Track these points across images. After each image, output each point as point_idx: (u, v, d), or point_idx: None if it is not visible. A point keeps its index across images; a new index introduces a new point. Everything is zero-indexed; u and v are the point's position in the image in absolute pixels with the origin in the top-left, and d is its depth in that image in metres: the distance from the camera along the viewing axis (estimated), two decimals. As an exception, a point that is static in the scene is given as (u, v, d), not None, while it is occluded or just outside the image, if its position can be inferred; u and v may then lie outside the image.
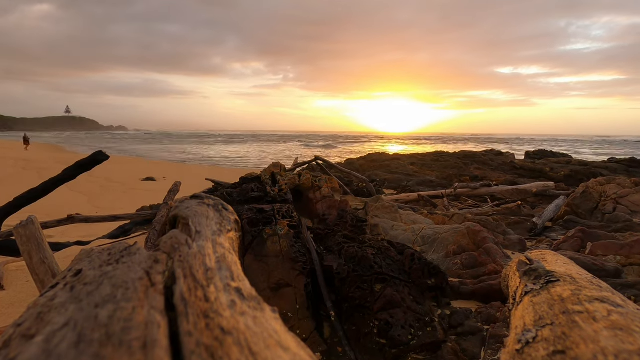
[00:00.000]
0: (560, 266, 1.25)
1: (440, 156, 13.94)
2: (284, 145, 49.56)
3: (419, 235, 3.58)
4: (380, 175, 10.56)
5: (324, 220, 3.28)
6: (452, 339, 1.88)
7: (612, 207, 5.41)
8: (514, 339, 0.88)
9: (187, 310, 0.51)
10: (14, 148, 28.24)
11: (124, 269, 0.58)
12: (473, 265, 3.07)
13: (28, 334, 0.47)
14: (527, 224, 5.32)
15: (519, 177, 10.66)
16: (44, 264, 1.77)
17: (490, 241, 3.31)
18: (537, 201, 7.25)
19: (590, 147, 51.86)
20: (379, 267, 1.94)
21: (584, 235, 3.77)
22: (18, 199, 3.49)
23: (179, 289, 0.55)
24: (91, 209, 7.45)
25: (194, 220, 0.93)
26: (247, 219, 2.11)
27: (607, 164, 12.00)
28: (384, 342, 1.76)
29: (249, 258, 1.97)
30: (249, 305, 0.60)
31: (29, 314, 0.52)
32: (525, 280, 1.18)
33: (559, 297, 0.95)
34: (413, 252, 2.10)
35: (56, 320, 0.48)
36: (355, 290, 1.89)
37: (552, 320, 0.85)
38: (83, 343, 0.43)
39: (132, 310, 0.49)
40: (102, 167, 4.13)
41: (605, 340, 0.71)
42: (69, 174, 3.57)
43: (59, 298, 0.54)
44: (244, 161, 25.62)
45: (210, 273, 0.64)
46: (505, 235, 4.32)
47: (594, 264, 2.72)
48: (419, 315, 1.82)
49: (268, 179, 3.48)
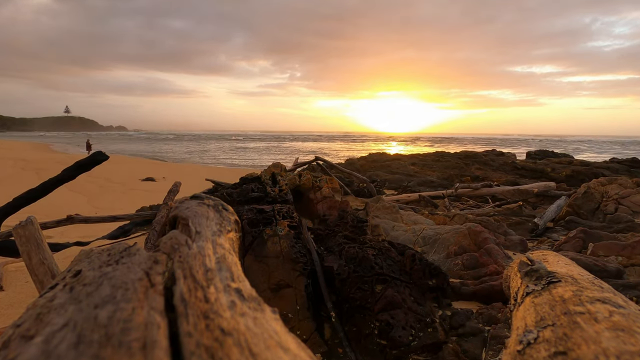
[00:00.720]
0: (561, 267, 1.24)
1: (441, 156, 13.92)
2: (284, 145, 49.56)
3: (419, 235, 3.58)
4: (381, 176, 10.56)
5: (324, 220, 3.27)
6: (453, 340, 1.87)
7: (614, 207, 5.41)
8: (515, 340, 0.87)
9: (187, 311, 0.51)
10: (13, 148, 28.31)
11: (123, 269, 0.58)
12: (474, 266, 3.06)
13: (27, 334, 0.47)
14: (528, 224, 5.32)
15: (520, 177, 10.65)
16: (43, 265, 1.76)
17: (491, 242, 3.31)
18: (538, 201, 7.25)
19: (598, 148, 51.15)
20: (379, 268, 1.94)
21: (586, 236, 3.76)
22: (17, 199, 3.48)
23: (179, 290, 0.55)
24: (90, 210, 7.46)
25: (193, 220, 0.93)
26: (247, 219, 2.11)
27: (609, 164, 11.98)
28: (384, 343, 1.75)
29: (249, 259, 1.97)
30: (249, 306, 0.60)
31: (28, 314, 0.52)
32: (527, 281, 1.17)
33: (560, 298, 0.94)
34: (414, 252, 2.10)
35: (55, 321, 0.47)
36: (355, 291, 1.88)
37: (553, 321, 0.85)
38: (82, 344, 0.42)
39: (132, 311, 0.48)
40: (102, 167, 4.13)
41: (606, 341, 0.70)
42: (69, 174, 3.56)
43: (58, 299, 0.54)
44: (245, 161, 25.63)
45: (210, 274, 0.64)
46: (507, 236, 4.31)
47: (596, 265, 2.71)
48: (419, 316, 1.81)
49: (268, 179, 3.48)
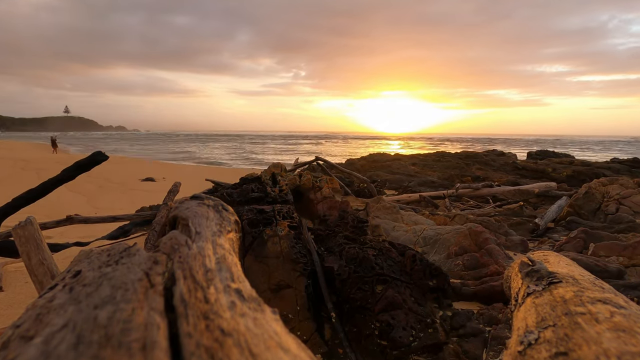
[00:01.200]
0: (562, 267, 1.24)
1: (442, 156, 13.92)
2: (285, 145, 49.55)
3: (420, 236, 3.58)
4: (382, 176, 10.56)
5: (324, 221, 3.27)
6: (453, 341, 1.87)
7: (615, 207, 5.40)
8: (516, 341, 0.87)
9: (187, 311, 0.51)
10: (13, 149, 28.36)
11: (123, 270, 0.58)
12: (475, 267, 3.06)
13: (27, 335, 0.47)
14: (529, 224, 5.31)
15: (521, 177, 10.65)
16: (43, 265, 1.76)
17: (492, 242, 3.30)
18: (539, 202, 7.24)
19: (599, 147, 50.55)
20: (380, 268, 1.94)
21: (587, 236, 3.76)
22: (17, 199, 3.47)
23: (179, 290, 0.55)
24: (90, 210, 7.45)
25: (193, 221, 0.93)
26: (248, 219, 2.11)
27: (610, 164, 11.97)
28: (385, 343, 1.75)
29: (249, 259, 1.97)
30: (249, 306, 0.60)
31: (27, 315, 0.52)
32: (528, 281, 1.17)
33: (561, 299, 0.94)
34: (414, 253, 2.09)
35: (55, 322, 0.47)
36: (356, 291, 1.88)
37: (554, 321, 0.85)
38: (82, 344, 0.42)
39: (132, 312, 0.48)
40: (101, 167, 4.12)
41: (607, 342, 0.70)
42: (68, 175, 3.53)
43: (58, 299, 0.54)
44: (246, 162, 25.60)
45: (210, 274, 0.64)
46: (507, 236, 4.31)
47: (597, 265, 2.71)
48: (420, 316, 1.81)
49: (268, 179, 3.48)
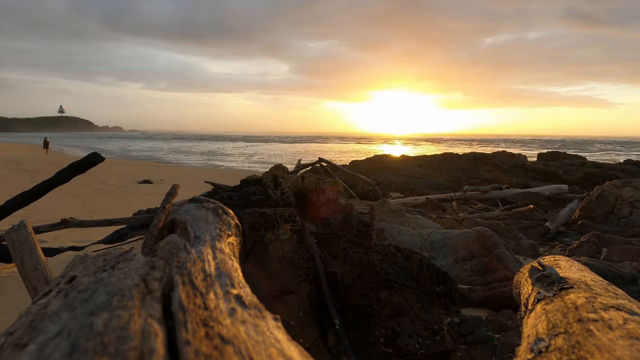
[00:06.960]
0: (574, 272, 1.22)
1: (449, 158, 13.82)
2: (287, 146, 49.69)
3: (427, 240, 3.54)
4: (387, 178, 10.52)
5: (328, 224, 3.25)
6: (461, 348, 1.84)
7: (628, 211, 5.31)
8: (526, 349, 0.85)
9: (186, 318, 0.50)
10: (5, 150, 28.71)
11: (119, 275, 0.57)
12: (483, 272, 3.02)
13: (20, 342, 0.46)
14: (539, 228, 5.24)
15: (531, 179, 10.55)
16: (37, 270, 1.75)
17: (501, 246, 3.26)
18: (550, 205, 7.14)
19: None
20: (385, 274, 1.92)
21: (599, 240, 3.71)
22: (9, 202, 3.39)
23: (177, 296, 0.54)
24: (85, 213, 7.37)
25: (192, 224, 0.92)
26: (248, 223, 2.09)
27: (623, 165, 11.78)
28: (390, 351, 1.72)
29: (250, 264, 1.95)
30: (250, 313, 0.59)
31: (20, 322, 0.51)
32: (538, 287, 1.15)
33: (573, 305, 0.92)
34: (421, 257, 2.07)
35: (49, 329, 0.47)
36: (360, 297, 1.86)
37: (565, 328, 0.83)
38: (77, 352, 0.42)
39: (129, 319, 0.47)
40: (97, 169, 4.09)
41: (621, 350, 0.69)
42: (63, 177, 3.44)
43: (52, 305, 0.53)
44: (245, 163, 25.59)
45: (209, 280, 0.63)
46: (517, 240, 4.26)
47: (610, 270, 2.66)
48: (427, 323, 1.78)
49: (270, 181, 3.46)
